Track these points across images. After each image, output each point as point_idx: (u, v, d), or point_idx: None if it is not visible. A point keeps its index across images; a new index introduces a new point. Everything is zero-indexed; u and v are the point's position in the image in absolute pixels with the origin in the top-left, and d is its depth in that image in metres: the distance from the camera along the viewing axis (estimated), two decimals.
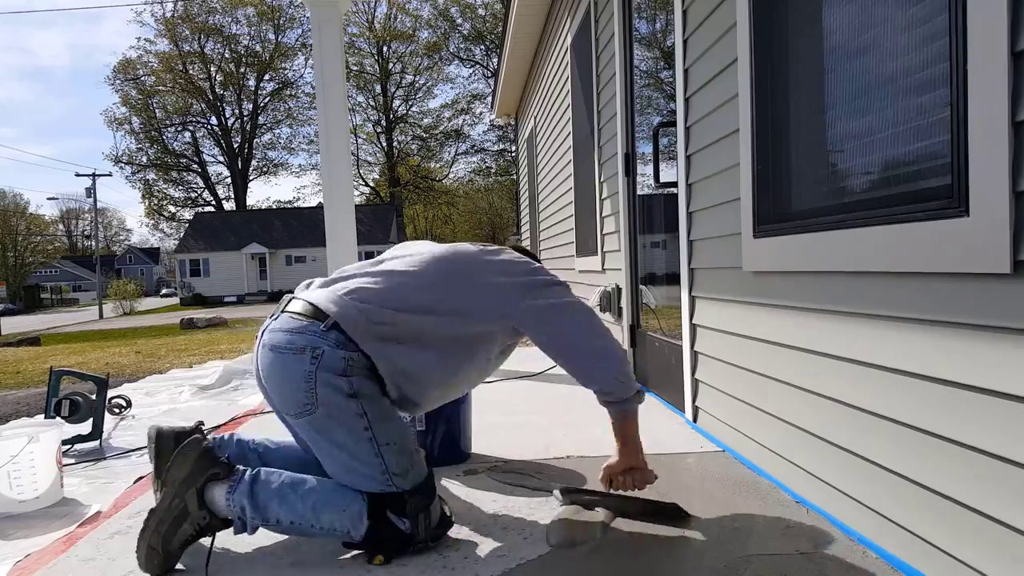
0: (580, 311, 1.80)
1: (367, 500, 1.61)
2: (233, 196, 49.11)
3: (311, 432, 1.64)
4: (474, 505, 1.98)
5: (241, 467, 1.67)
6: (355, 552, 1.66)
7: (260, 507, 1.61)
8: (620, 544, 1.68)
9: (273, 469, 1.69)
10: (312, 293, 1.74)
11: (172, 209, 50.63)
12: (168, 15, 45.70)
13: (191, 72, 46.41)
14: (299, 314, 1.67)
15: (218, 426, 3.19)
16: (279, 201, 56.43)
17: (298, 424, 1.66)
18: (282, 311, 1.71)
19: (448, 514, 1.72)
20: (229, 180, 49.36)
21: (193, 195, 50.28)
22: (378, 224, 38.58)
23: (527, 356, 5.12)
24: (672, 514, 1.79)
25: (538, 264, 1.91)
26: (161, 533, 1.58)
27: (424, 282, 1.76)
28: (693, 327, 2.70)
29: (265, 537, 1.74)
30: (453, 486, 2.15)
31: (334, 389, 1.59)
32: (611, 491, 1.86)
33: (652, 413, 3.04)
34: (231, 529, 1.64)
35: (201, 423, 1.79)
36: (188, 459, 1.63)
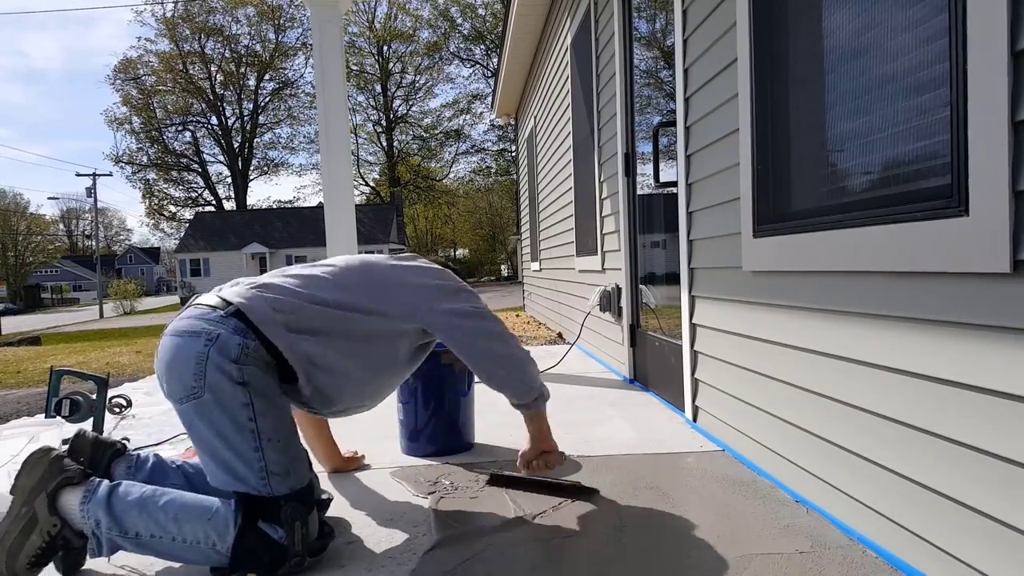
0: (488, 319, 1.88)
1: (237, 507, 1.51)
2: (233, 196, 49.13)
3: (195, 419, 1.55)
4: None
5: (101, 478, 1.58)
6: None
7: (117, 518, 1.51)
8: (621, 543, 1.68)
9: (135, 482, 1.60)
10: (223, 289, 1.72)
11: (172, 209, 50.67)
12: (168, 15, 45.71)
13: (191, 72, 46.43)
14: (204, 304, 1.65)
15: None
16: (279, 201, 56.48)
17: (183, 411, 1.56)
18: (190, 305, 1.69)
19: (328, 529, 1.63)
20: (229, 180, 49.39)
21: (193, 195, 50.32)
22: (378, 224, 38.58)
23: None
24: (582, 491, 2.03)
25: (451, 273, 1.98)
26: (7, 547, 1.47)
27: (338, 281, 1.78)
28: (693, 327, 2.70)
29: None
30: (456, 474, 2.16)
31: (223, 374, 1.52)
32: (530, 474, 2.05)
33: (652, 413, 3.04)
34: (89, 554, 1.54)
35: (126, 439, 1.73)
36: (39, 465, 1.55)
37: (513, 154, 26.85)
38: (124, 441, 1.78)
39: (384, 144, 47.47)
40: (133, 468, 1.72)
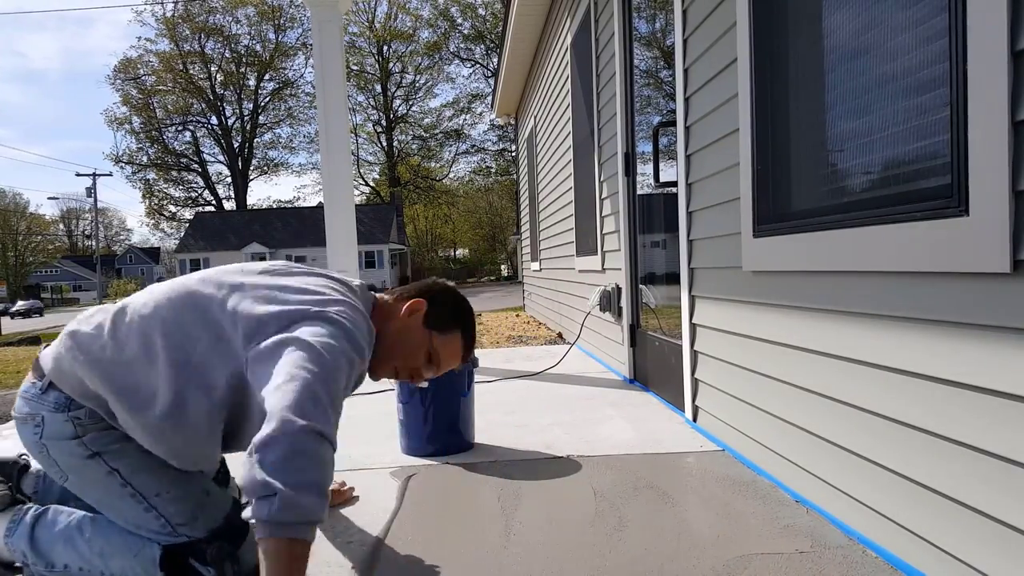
0: (319, 364, 1.26)
1: (162, 545, 1.43)
2: (233, 195, 49.15)
3: (82, 498, 1.46)
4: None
5: (29, 505, 1.51)
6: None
7: (42, 552, 1.43)
8: (621, 543, 1.68)
9: (65, 508, 1.51)
10: (52, 344, 1.50)
11: (172, 209, 50.71)
12: (168, 15, 45.72)
13: (191, 72, 46.46)
14: (29, 376, 1.47)
15: None
16: (279, 201, 56.51)
17: (76, 491, 1.46)
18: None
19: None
20: (229, 180, 49.42)
21: (193, 195, 50.35)
22: (378, 224, 38.59)
23: (527, 356, 5.13)
24: None
25: (336, 285, 1.52)
26: None
27: (150, 322, 1.41)
28: (693, 327, 2.70)
29: None
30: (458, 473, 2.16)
31: (70, 454, 1.39)
32: None
33: (652, 412, 3.04)
34: None
35: (24, 455, 1.61)
36: None
37: (513, 154, 26.86)
38: (24, 457, 1.65)
39: (384, 144, 47.50)
40: (41, 490, 1.62)
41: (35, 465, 1.63)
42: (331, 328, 1.33)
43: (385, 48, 45.99)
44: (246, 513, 1.57)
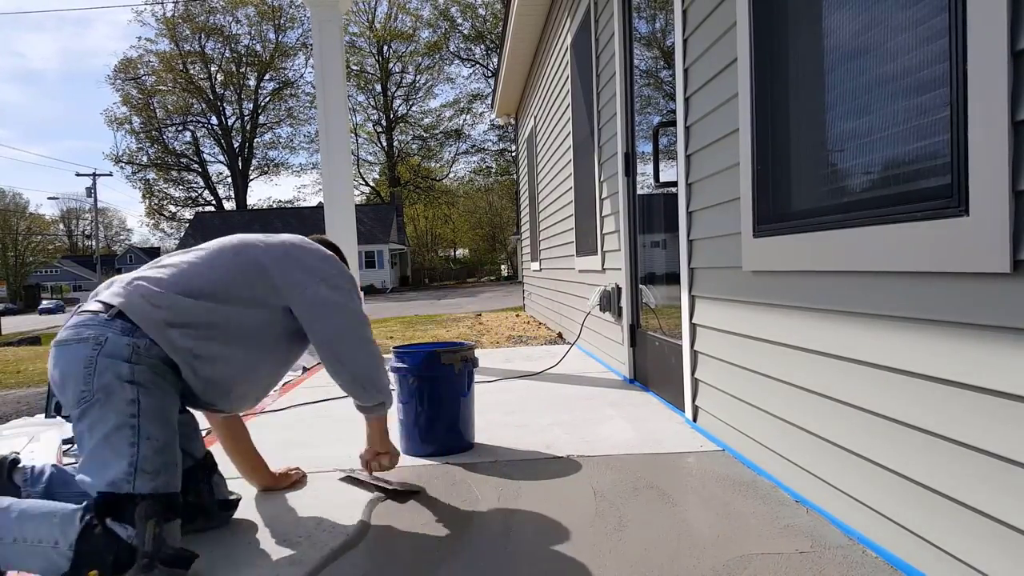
0: (358, 317, 1.87)
1: (87, 507, 1.45)
2: (233, 195, 49.14)
3: (83, 422, 1.53)
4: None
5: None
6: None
7: None
8: (621, 543, 1.68)
9: (8, 498, 1.54)
10: (100, 293, 1.72)
11: (172, 209, 50.68)
12: (169, 15, 45.73)
13: (192, 72, 46.44)
14: (88, 311, 1.65)
15: None
16: (279, 201, 56.49)
17: (76, 418, 1.54)
18: (75, 313, 1.68)
19: (189, 554, 1.49)
20: (229, 179, 49.40)
21: (193, 195, 50.33)
22: (378, 224, 38.58)
23: (527, 356, 5.13)
24: (409, 493, 2.10)
25: (334, 258, 1.95)
26: None
27: (208, 266, 1.77)
28: (693, 327, 2.70)
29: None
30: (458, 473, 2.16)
31: (114, 374, 1.53)
32: (373, 475, 2.17)
33: (652, 412, 3.04)
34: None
35: (16, 453, 1.69)
36: None
37: (513, 154, 26.86)
38: (15, 454, 1.72)
39: (384, 144, 47.49)
40: (29, 480, 1.67)
41: (24, 461, 1.71)
42: None
43: (385, 48, 45.99)
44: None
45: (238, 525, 1.87)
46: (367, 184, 49.01)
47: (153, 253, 75.57)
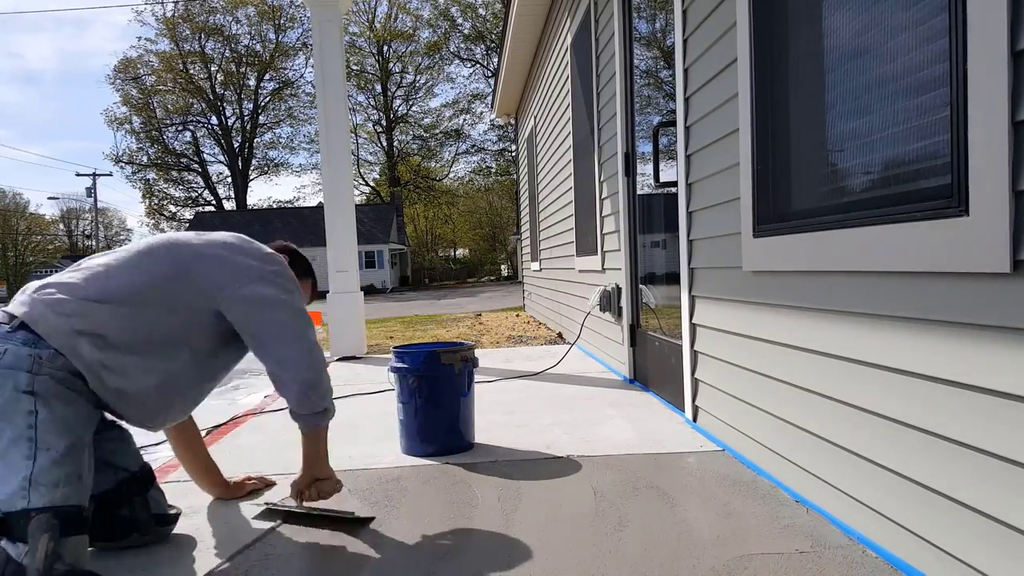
0: (291, 313, 1.74)
1: None
2: (234, 195, 49.11)
3: None
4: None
5: None
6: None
7: None
8: (621, 543, 1.68)
9: None
10: (11, 303, 1.64)
11: (172, 209, 50.62)
12: (168, 15, 45.72)
13: (192, 71, 46.41)
14: None
15: (218, 426, 3.19)
16: (279, 201, 56.45)
17: None
18: None
19: (88, 572, 1.44)
20: (229, 179, 49.36)
21: (193, 195, 50.28)
22: (378, 224, 38.58)
23: (527, 356, 5.13)
24: (356, 523, 1.83)
25: (270, 252, 1.83)
26: None
27: (126, 269, 1.68)
28: (693, 327, 2.70)
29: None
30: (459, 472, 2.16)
31: (13, 386, 1.47)
32: (303, 505, 1.87)
33: (652, 412, 3.04)
34: None
35: None
36: None
37: (513, 154, 26.86)
38: None
39: (384, 144, 47.46)
40: None
41: None
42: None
43: (385, 48, 45.96)
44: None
45: (178, 540, 1.80)
46: (367, 184, 49.00)
47: None
